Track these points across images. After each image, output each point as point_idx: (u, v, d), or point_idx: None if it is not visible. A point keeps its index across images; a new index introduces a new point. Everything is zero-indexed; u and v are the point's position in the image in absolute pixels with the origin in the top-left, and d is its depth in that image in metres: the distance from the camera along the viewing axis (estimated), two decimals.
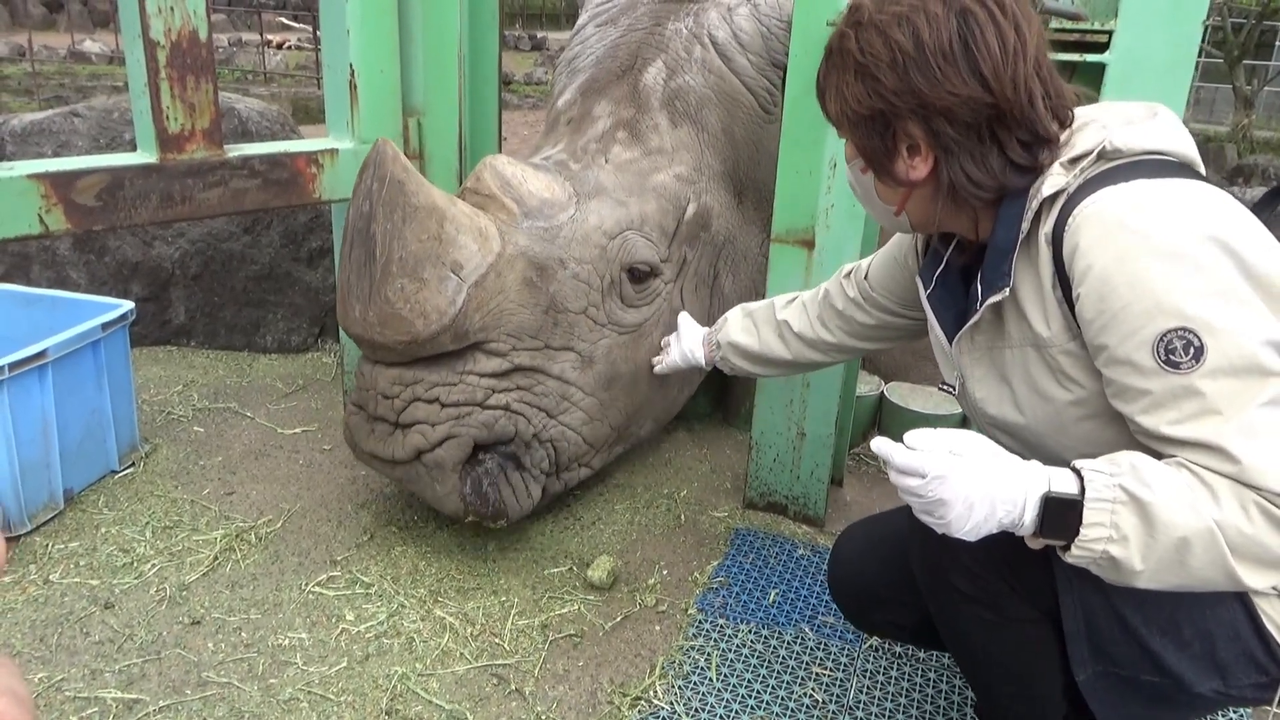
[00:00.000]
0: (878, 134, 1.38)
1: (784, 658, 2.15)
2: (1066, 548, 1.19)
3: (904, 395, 3.26)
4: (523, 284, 2.29)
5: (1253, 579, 1.13)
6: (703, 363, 2.34)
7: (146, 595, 2.24)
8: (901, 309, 1.84)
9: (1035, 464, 1.23)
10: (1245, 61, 13.61)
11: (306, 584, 2.31)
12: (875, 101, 1.34)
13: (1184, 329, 1.14)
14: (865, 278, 1.89)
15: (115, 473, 2.76)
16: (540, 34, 26.18)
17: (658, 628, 2.24)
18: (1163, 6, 1.97)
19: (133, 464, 2.82)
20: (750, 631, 2.23)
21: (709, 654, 2.15)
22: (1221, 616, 1.29)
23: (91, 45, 15.50)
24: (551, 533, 2.60)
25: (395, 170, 2.12)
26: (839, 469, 2.91)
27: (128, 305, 2.74)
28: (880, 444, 1.27)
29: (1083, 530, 1.16)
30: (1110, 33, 2.04)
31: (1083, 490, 1.17)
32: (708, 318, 2.71)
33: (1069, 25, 2.08)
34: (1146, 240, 1.17)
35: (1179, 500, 1.12)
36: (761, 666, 2.12)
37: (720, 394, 3.36)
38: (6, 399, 2.32)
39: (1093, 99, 1.44)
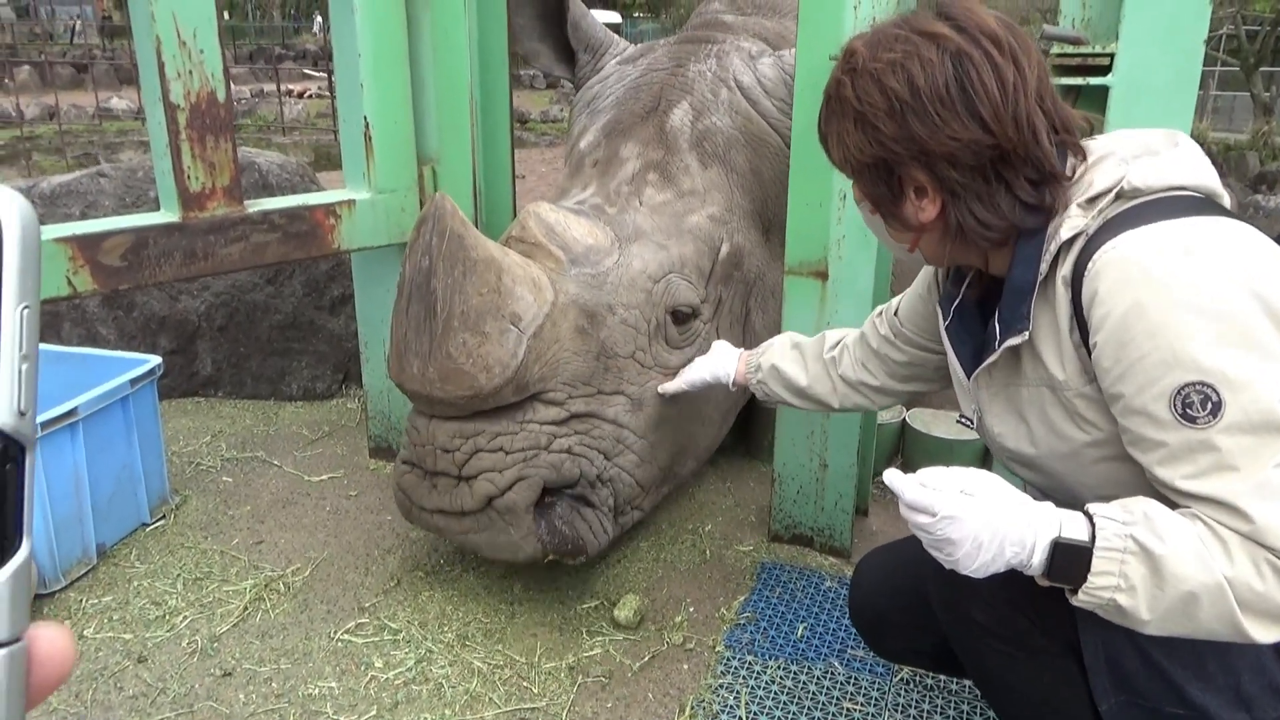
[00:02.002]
0: (882, 180, 1.38)
1: (814, 693, 2.13)
2: (1074, 591, 1.19)
3: (926, 422, 3.24)
4: (575, 332, 2.28)
5: (1260, 633, 1.12)
6: (732, 381, 2.24)
7: (179, 648, 2.26)
8: (931, 343, 1.82)
9: (1048, 506, 1.23)
10: (1262, 69, 13.53)
11: (335, 632, 2.33)
12: (876, 149, 1.34)
13: (1202, 383, 1.12)
14: (895, 314, 1.87)
15: (146, 525, 2.80)
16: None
17: (686, 666, 2.23)
18: (1163, 27, 1.98)
19: (163, 516, 2.86)
20: (779, 668, 2.22)
21: (738, 692, 2.14)
22: (1246, 650, 1.27)
23: (118, 102, 15.88)
24: (577, 572, 2.60)
25: (454, 224, 2.12)
26: (863, 498, 2.89)
27: (155, 360, 2.79)
28: (892, 477, 1.27)
29: (1090, 578, 1.16)
30: (1112, 55, 2.05)
31: (1093, 538, 1.17)
32: None
33: (1070, 50, 2.09)
34: (1167, 289, 1.15)
35: (1190, 554, 1.12)
36: (792, 703, 2.10)
37: (742, 427, 3.36)
38: (39, 457, 2.36)
39: (1099, 125, 1.43)
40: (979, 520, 1.20)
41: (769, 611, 2.43)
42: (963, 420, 1.58)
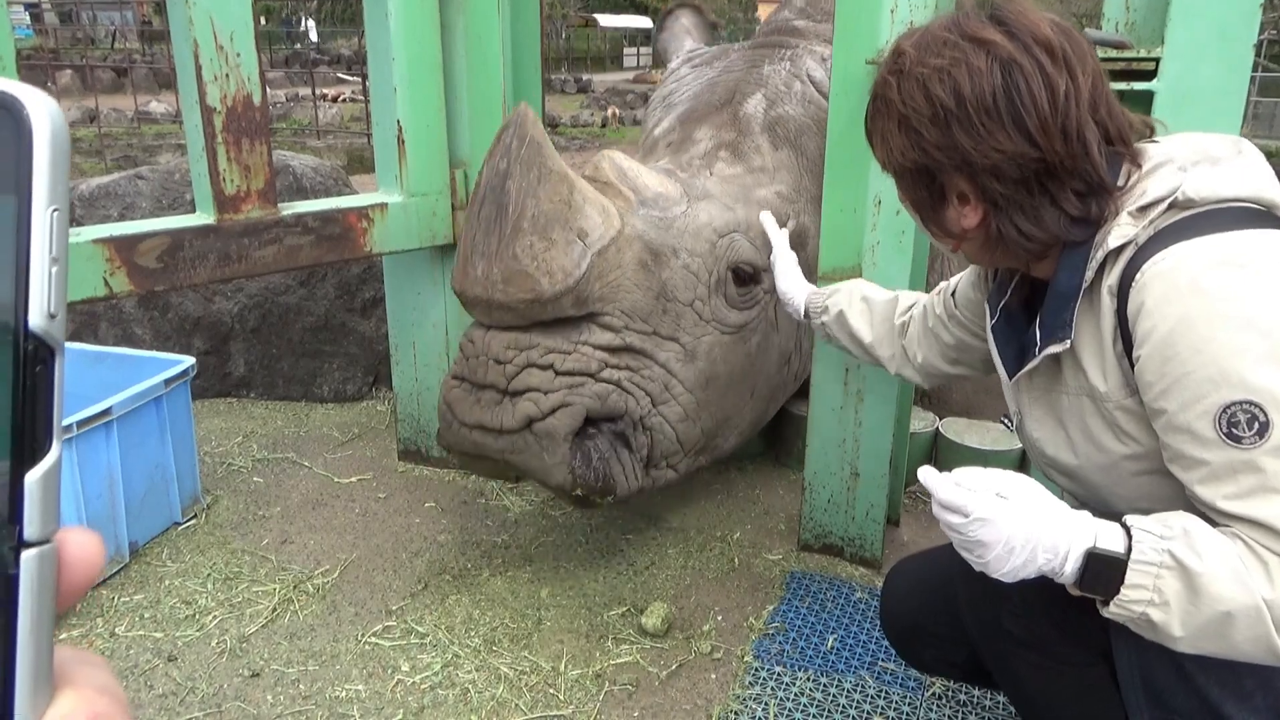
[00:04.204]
0: (924, 185, 1.36)
1: (844, 706, 2.10)
2: (1106, 603, 1.16)
3: (959, 431, 3.20)
4: (638, 264, 2.31)
5: None
6: (800, 309, 2.27)
7: (208, 648, 2.27)
8: (981, 332, 1.77)
9: (1084, 515, 1.20)
10: None
11: (363, 634, 2.33)
12: (919, 155, 1.31)
13: (1249, 402, 1.08)
14: (953, 294, 1.82)
15: (178, 525, 2.82)
16: (585, 77, 26.61)
17: (713, 676, 2.21)
18: (1211, 32, 1.93)
19: (195, 516, 2.88)
20: (809, 679, 2.19)
21: (766, 703, 2.11)
22: None
23: (157, 106, 16.12)
24: (605, 578, 2.59)
25: (534, 132, 2.17)
26: (895, 508, 2.85)
27: (189, 361, 2.81)
28: (927, 475, 1.25)
29: (1124, 590, 1.13)
30: (1157, 60, 2.00)
31: (1129, 550, 1.14)
32: (795, 335, 2.74)
33: (1114, 54, 2.04)
34: (1215, 304, 1.12)
35: (1229, 573, 1.08)
36: (821, 716, 2.07)
37: (772, 433, 3.33)
38: (74, 456, 2.39)
39: (1164, 129, 1.38)
40: (1012, 524, 1.18)
41: (798, 622, 2.40)
42: (1005, 420, 1.56)
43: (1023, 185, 1.26)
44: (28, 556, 0.34)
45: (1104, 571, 1.15)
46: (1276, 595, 1.06)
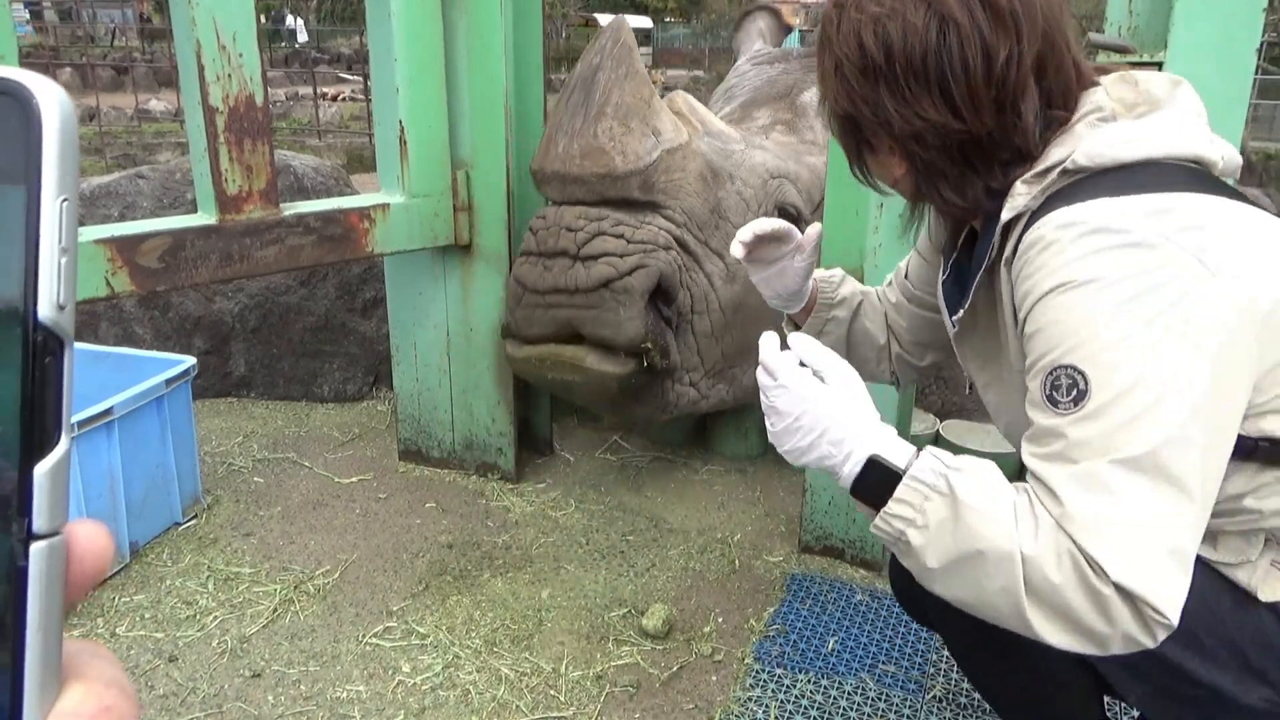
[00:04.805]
0: (852, 134, 1.30)
1: (844, 709, 2.10)
2: (873, 518, 1.14)
3: (960, 434, 3.20)
4: (698, 176, 2.58)
5: (1044, 629, 1.02)
6: (797, 288, 1.72)
7: (209, 648, 2.27)
8: (935, 303, 1.62)
9: (886, 428, 1.16)
10: None
11: (364, 635, 2.33)
12: (848, 105, 1.24)
13: (1073, 368, 1.03)
14: (906, 276, 1.71)
15: (179, 525, 2.82)
16: None
17: (714, 678, 2.21)
18: (1214, 35, 1.94)
19: (195, 516, 2.88)
20: (809, 681, 2.19)
21: (767, 705, 2.11)
22: (1245, 625, 1.20)
23: (157, 104, 16.09)
24: (605, 580, 2.59)
25: (628, 39, 2.46)
26: None
27: (190, 361, 2.81)
28: (766, 337, 1.24)
29: (890, 503, 1.10)
30: (1160, 64, 2.00)
31: (909, 467, 1.10)
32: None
33: (1118, 58, 2.05)
34: (1067, 267, 1.06)
35: (995, 514, 1.04)
36: (821, 718, 2.07)
37: None
38: (75, 456, 2.39)
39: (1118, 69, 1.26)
40: (809, 404, 1.15)
41: (799, 624, 2.40)
42: (968, 391, 1.51)
43: (945, 154, 1.20)
44: (37, 549, 0.34)
45: (879, 481, 1.11)
46: (1036, 551, 1.01)
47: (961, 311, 1.30)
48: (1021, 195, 1.16)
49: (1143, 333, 1.01)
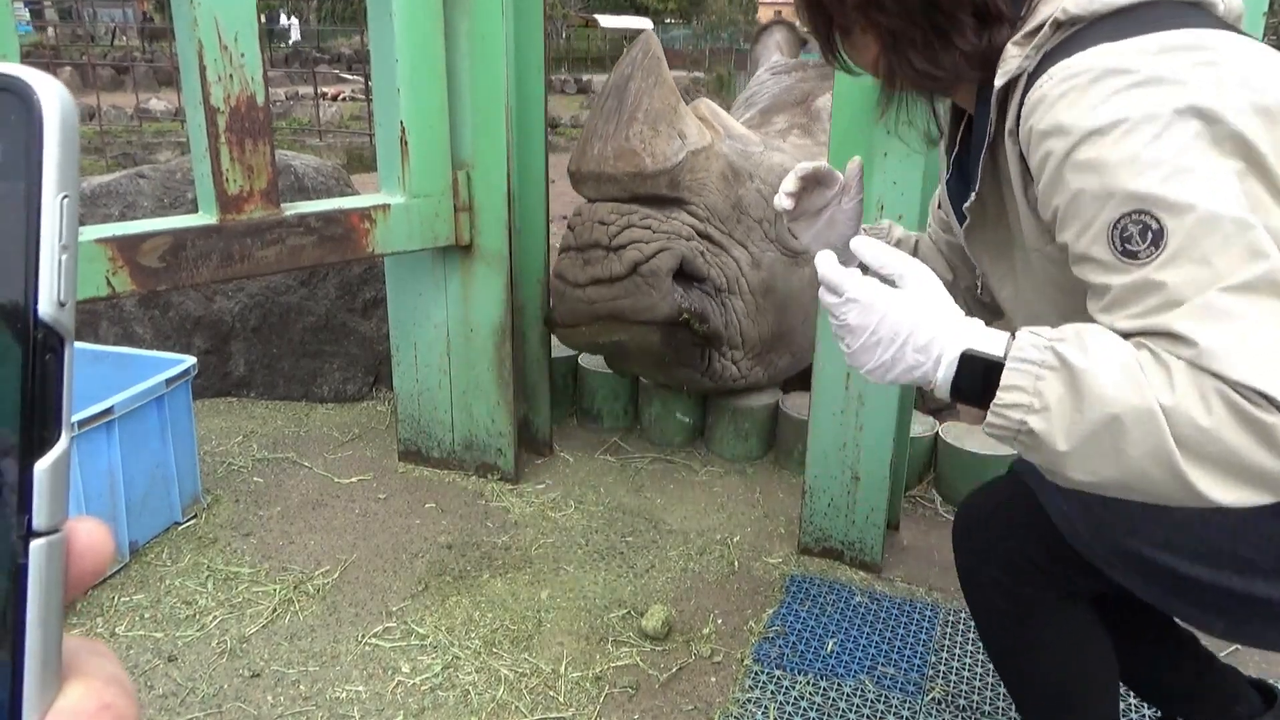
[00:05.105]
0: (821, 18, 1.25)
1: (844, 710, 2.10)
2: (985, 417, 1.02)
3: (960, 436, 3.20)
4: (720, 175, 2.86)
5: (1205, 483, 0.90)
6: (851, 234, 1.62)
7: (208, 648, 2.27)
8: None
9: (974, 320, 1.06)
10: None
11: (363, 635, 2.33)
12: None
13: (1138, 212, 0.95)
14: (939, 207, 1.60)
15: (179, 524, 2.82)
16: (585, 77, 26.60)
17: (713, 679, 2.21)
18: None
19: (195, 515, 2.88)
20: (808, 683, 2.19)
21: (766, 707, 2.11)
22: (1221, 522, 1.14)
23: (157, 103, 16.09)
24: (605, 581, 2.59)
25: (657, 51, 2.73)
26: (895, 512, 2.86)
27: (190, 361, 2.81)
28: (824, 254, 1.12)
29: (1000, 393, 0.98)
30: None
31: (1009, 352, 1.00)
32: None
33: None
34: (1093, 111, 0.98)
35: (1118, 371, 0.93)
36: (821, 719, 2.07)
37: (771, 436, 3.34)
38: (75, 456, 2.39)
39: None
40: (884, 312, 1.05)
41: (798, 625, 2.40)
42: (981, 294, 1.43)
43: (907, 18, 1.14)
44: (37, 546, 0.34)
45: (980, 375, 1.01)
46: (1177, 401, 0.90)
47: (971, 199, 1.21)
48: (1014, 58, 1.09)
49: (1190, 155, 0.94)
